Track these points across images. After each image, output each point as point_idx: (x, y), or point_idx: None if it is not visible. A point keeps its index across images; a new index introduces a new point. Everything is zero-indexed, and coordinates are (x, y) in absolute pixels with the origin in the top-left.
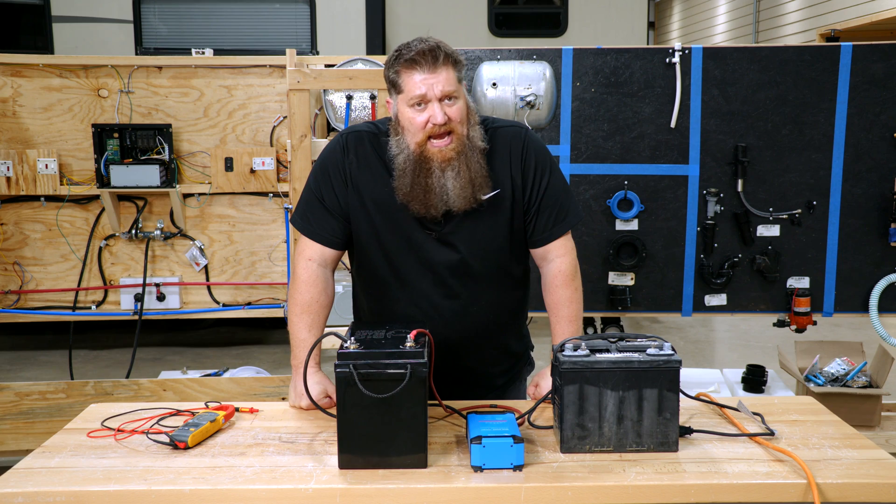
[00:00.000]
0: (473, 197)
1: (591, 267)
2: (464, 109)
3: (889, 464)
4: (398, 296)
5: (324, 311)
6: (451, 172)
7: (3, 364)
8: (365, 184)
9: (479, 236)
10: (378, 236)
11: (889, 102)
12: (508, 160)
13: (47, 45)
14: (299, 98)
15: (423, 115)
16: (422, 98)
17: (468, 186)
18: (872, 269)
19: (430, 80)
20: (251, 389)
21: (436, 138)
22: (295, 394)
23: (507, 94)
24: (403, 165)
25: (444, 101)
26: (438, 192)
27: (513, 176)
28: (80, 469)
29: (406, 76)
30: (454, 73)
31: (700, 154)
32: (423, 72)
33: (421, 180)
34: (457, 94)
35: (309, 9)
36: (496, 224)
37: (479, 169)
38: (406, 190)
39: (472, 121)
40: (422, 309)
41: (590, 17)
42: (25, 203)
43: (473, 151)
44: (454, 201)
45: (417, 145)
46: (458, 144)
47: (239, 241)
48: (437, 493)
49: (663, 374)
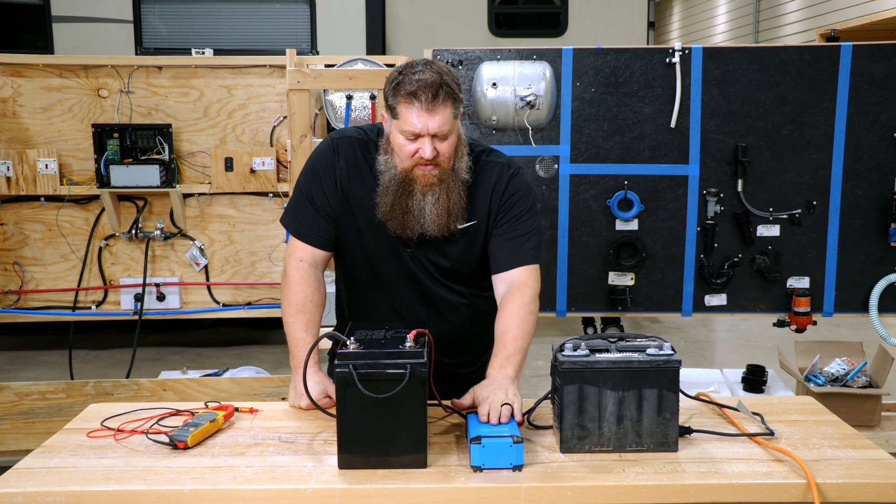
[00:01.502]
0: (447, 225)
1: (591, 267)
2: (454, 144)
3: (889, 464)
4: (378, 299)
5: (318, 309)
6: (431, 198)
7: (3, 364)
8: (353, 189)
9: (454, 260)
10: (362, 241)
11: (889, 102)
12: (490, 192)
13: (47, 45)
14: (299, 98)
15: (413, 146)
16: (415, 134)
17: (444, 214)
18: (872, 269)
19: (425, 118)
20: (251, 389)
21: (421, 166)
22: (295, 394)
23: (507, 94)
24: (388, 184)
25: (437, 137)
26: (416, 214)
27: (490, 208)
28: (79, 469)
29: (404, 107)
30: (451, 111)
31: (700, 154)
32: (420, 108)
33: (402, 201)
34: (450, 132)
35: (309, 9)
36: (469, 250)
37: (458, 199)
38: (386, 209)
39: (460, 153)
40: (400, 315)
41: (590, 17)
42: (25, 203)
43: (456, 182)
44: (429, 226)
45: (403, 170)
46: (442, 173)
47: (239, 241)
48: (437, 493)
49: (663, 374)
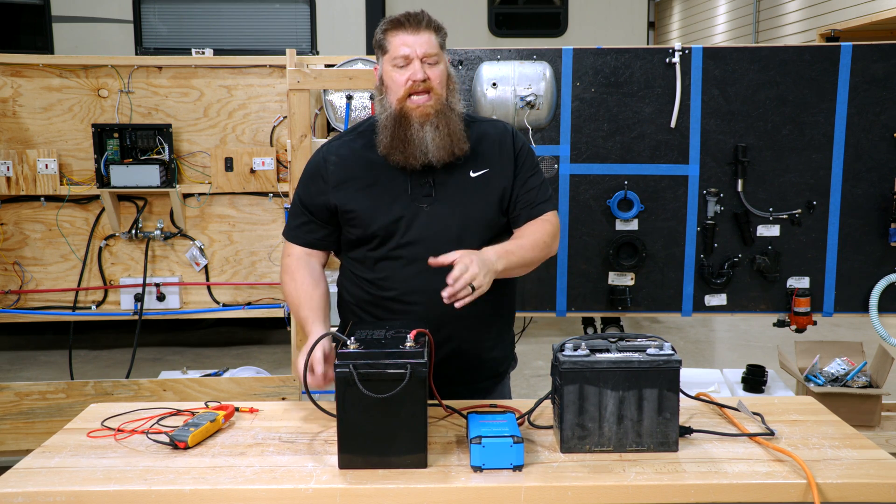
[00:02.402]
0: (452, 150)
1: (591, 267)
2: (444, 74)
3: (889, 464)
4: (393, 277)
5: (316, 288)
6: (430, 127)
7: (3, 364)
8: (350, 178)
9: (470, 209)
10: (372, 224)
11: (889, 102)
12: (498, 144)
13: (47, 45)
14: (299, 98)
15: (404, 74)
16: (405, 58)
17: (447, 139)
18: (872, 269)
19: (412, 40)
20: (251, 389)
21: (415, 94)
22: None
23: (507, 94)
24: (385, 122)
25: (426, 62)
26: (417, 143)
27: (502, 157)
28: (80, 469)
29: (391, 36)
30: (436, 39)
31: (700, 154)
32: (406, 33)
33: (400, 132)
34: (438, 58)
35: (309, 9)
36: (486, 200)
37: (457, 127)
38: (387, 142)
39: (451, 87)
40: (415, 288)
41: (590, 17)
42: (25, 203)
43: (452, 112)
44: (433, 153)
45: (398, 102)
46: (437, 103)
47: (239, 241)
48: (437, 493)
49: (663, 374)
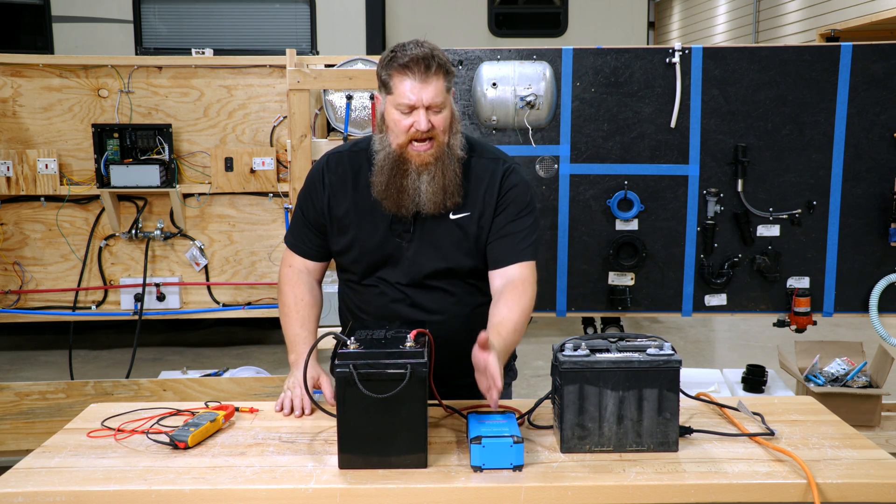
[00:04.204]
0: (444, 203)
1: (591, 267)
2: (448, 119)
3: (889, 464)
4: (375, 300)
5: (312, 308)
6: (427, 177)
7: (3, 364)
8: (339, 196)
9: (445, 252)
10: (355, 247)
11: (889, 102)
12: (485, 187)
13: (47, 45)
14: (299, 98)
15: (408, 120)
16: (410, 106)
17: (440, 192)
18: (872, 269)
19: (419, 89)
20: (251, 389)
21: (417, 142)
22: (290, 393)
23: (507, 94)
24: (383, 163)
25: (431, 110)
26: (411, 193)
27: (485, 201)
28: (80, 469)
29: (397, 80)
30: (444, 84)
31: (700, 154)
32: (414, 80)
33: (397, 180)
34: (443, 105)
35: (309, 9)
36: (461, 242)
37: (453, 177)
38: (381, 188)
39: (454, 129)
40: (388, 316)
41: (590, 17)
42: (25, 203)
43: (451, 159)
44: (425, 204)
45: (399, 146)
46: (438, 151)
47: (239, 241)
48: (437, 493)
49: (663, 374)
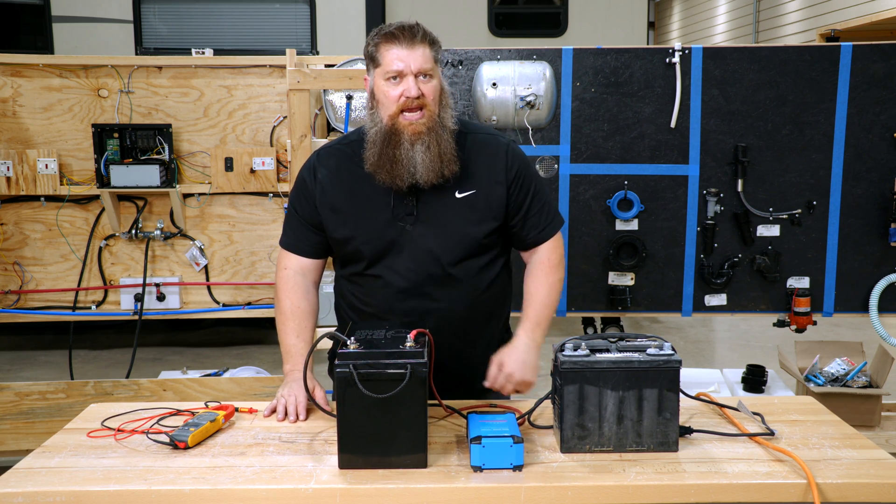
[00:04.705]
0: (441, 171)
1: (591, 267)
2: (437, 89)
3: (889, 464)
4: (373, 295)
5: (307, 317)
6: (421, 146)
7: (3, 364)
8: (334, 188)
9: (451, 231)
10: (356, 236)
11: (889, 102)
12: (487, 163)
13: (47, 45)
14: (299, 98)
15: (397, 89)
16: (398, 73)
17: (437, 160)
18: (872, 269)
19: (406, 55)
20: (251, 389)
21: (408, 111)
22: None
23: (507, 94)
24: (374, 137)
25: (420, 77)
26: (406, 163)
27: (490, 177)
28: (80, 469)
29: (384, 50)
30: (430, 53)
31: (700, 154)
32: (400, 47)
33: (389, 151)
34: (432, 73)
35: (309, 9)
36: (469, 219)
37: (448, 147)
38: (374, 160)
39: (444, 102)
40: (393, 309)
41: (590, 17)
42: (25, 203)
43: (444, 130)
44: (421, 174)
45: (390, 118)
46: (429, 120)
47: (239, 241)
48: (437, 493)
49: (663, 374)
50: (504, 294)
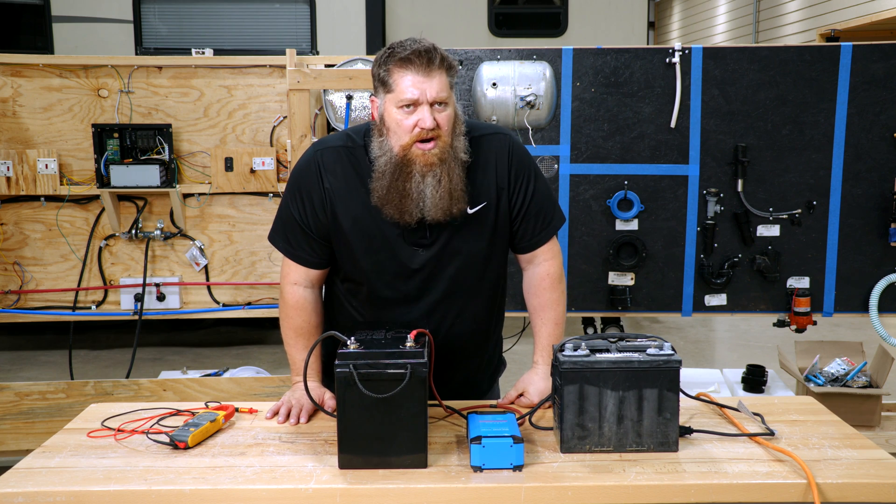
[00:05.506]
0: (450, 209)
1: (591, 267)
2: (452, 117)
3: (889, 464)
4: (381, 315)
5: (317, 331)
6: (432, 179)
7: (3, 364)
8: (344, 204)
9: (463, 247)
10: (356, 257)
11: (889, 102)
12: (494, 169)
13: (47, 45)
14: (299, 98)
15: (411, 119)
16: (412, 101)
17: (446, 197)
18: (872, 269)
19: (423, 83)
20: (251, 389)
21: (421, 142)
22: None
23: (507, 94)
24: (384, 168)
25: (435, 105)
26: (415, 197)
27: (498, 185)
28: (80, 469)
29: (398, 76)
30: (447, 79)
31: (700, 154)
32: (416, 74)
33: (399, 184)
34: (447, 101)
35: (309, 9)
36: (480, 234)
37: (458, 181)
38: (382, 193)
39: (457, 130)
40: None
41: (590, 17)
42: (25, 203)
43: (456, 162)
44: (430, 210)
45: (402, 148)
46: (442, 151)
47: (239, 241)
48: (437, 493)
49: (663, 374)
50: (503, 296)
